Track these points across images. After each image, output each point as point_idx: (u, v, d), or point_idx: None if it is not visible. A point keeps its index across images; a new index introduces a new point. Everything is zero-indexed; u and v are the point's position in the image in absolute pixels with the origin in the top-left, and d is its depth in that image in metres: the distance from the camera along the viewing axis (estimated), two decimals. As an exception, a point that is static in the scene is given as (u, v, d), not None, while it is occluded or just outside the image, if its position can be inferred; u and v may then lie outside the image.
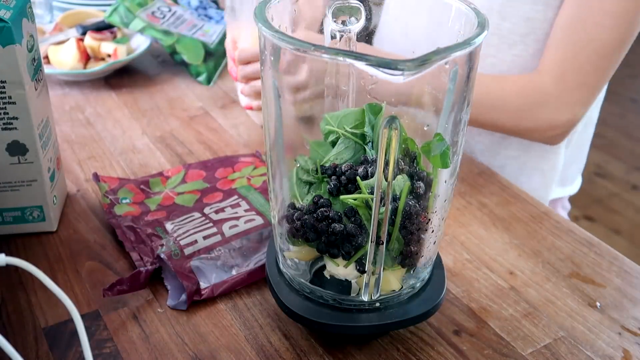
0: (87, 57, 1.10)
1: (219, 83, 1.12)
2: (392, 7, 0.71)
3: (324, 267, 0.58)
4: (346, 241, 0.55)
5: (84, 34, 1.12)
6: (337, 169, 0.56)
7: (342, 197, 0.54)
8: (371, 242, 0.53)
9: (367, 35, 0.62)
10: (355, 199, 0.54)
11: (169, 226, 0.72)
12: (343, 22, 0.60)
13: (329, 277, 0.58)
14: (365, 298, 0.57)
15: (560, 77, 0.86)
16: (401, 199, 0.53)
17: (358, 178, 0.54)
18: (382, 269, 0.55)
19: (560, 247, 0.75)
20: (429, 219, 0.56)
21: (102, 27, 1.13)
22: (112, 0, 1.26)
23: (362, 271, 0.55)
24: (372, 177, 0.54)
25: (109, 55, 1.10)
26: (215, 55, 1.15)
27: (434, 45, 0.47)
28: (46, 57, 1.08)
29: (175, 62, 1.15)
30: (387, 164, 0.50)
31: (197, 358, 0.59)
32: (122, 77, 1.12)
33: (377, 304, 0.57)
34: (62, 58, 1.07)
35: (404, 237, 0.55)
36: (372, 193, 0.53)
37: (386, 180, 0.50)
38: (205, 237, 0.69)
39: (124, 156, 0.90)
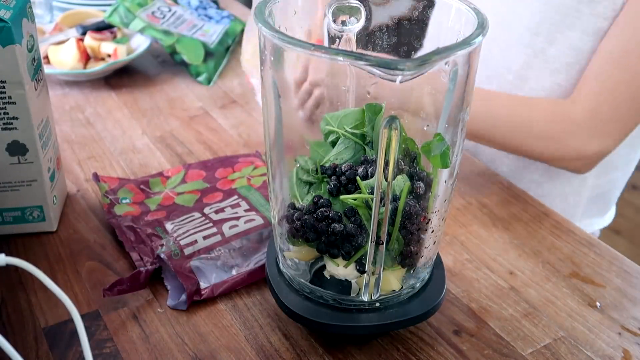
0: (87, 57, 1.10)
1: (219, 83, 1.12)
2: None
3: (324, 267, 0.58)
4: (346, 241, 0.55)
5: (84, 34, 1.12)
6: (337, 169, 0.56)
7: (342, 197, 0.54)
8: (371, 242, 0.53)
9: (367, 36, 0.62)
10: (355, 199, 0.54)
11: (169, 226, 0.72)
12: (343, 22, 0.60)
13: (329, 277, 0.58)
14: (365, 298, 0.57)
15: (594, 109, 0.84)
16: (401, 199, 0.53)
17: (358, 178, 0.54)
18: (382, 269, 0.55)
19: (560, 247, 0.75)
20: (429, 219, 0.56)
21: (102, 27, 1.13)
22: (112, 0, 1.26)
23: (362, 271, 0.55)
24: (372, 177, 0.54)
25: (109, 55, 1.10)
26: (215, 55, 1.15)
27: (434, 46, 0.47)
28: (46, 57, 1.08)
29: (175, 62, 1.14)
30: (387, 164, 0.50)
31: (197, 358, 0.59)
32: (122, 77, 1.12)
33: (377, 304, 0.57)
34: (62, 58, 1.07)
35: (404, 237, 0.55)
36: (372, 193, 0.53)
37: (386, 180, 0.50)
38: (205, 237, 0.69)
39: (124, 156, 0.90)
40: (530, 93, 0.93)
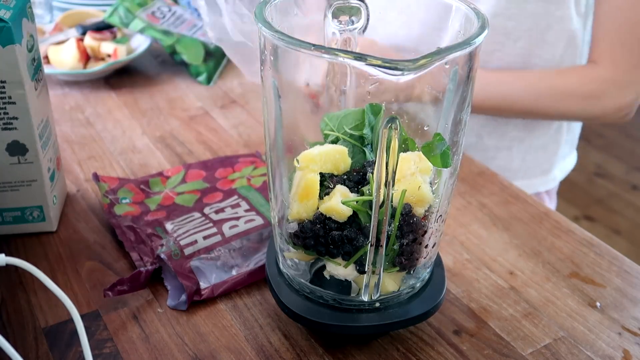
0: (87, 57, 1.10)
1: (219, 83, 1.12)
2: (392, 7, 0.71)
3: (324, 267, 0.58)
4: (346, 242, 0.55)
5: (84, 34, 1.12)
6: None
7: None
8: (370, 243, 0.53)
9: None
10: (357, 202, 0.54)
11: (169, 226, 0.72)
12: (343, 22, 0.60)
13: (329, 277, 0.58)
14: (365, 298, 0.57)
15: (614, 63, 0.93)
16: (400, 199, 0.53)
17: (369, 174, 0.54)
18: (382, 269, 0.55)
19: (560, 247, 0.75)
20: (429, 220, 0.56)
21: (102, 27, 1.13)
22: (112, 0, 1.26)
23: (362, 271, 0.55)
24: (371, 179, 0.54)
25: (109, 55, 1.10)
26: (215, 55, 1.15)
27: (434, 46, 0.47)
28: (46, 57, 1.08)
29: (175, 62, 1.15)
30: (387, 164, 0.49)
31: (197, 358, 0.59)
32: (122, 77, 1.12)
33: (377, 304, 0.57)
34: (62, 58, 1.07)
35: (403, 237, 0.55)
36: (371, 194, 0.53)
37: (387, 180, 0.50)
38: (205, 237, 0.69)
39: (124, 156, 0.90)
40: (499, 62, 1.01)
